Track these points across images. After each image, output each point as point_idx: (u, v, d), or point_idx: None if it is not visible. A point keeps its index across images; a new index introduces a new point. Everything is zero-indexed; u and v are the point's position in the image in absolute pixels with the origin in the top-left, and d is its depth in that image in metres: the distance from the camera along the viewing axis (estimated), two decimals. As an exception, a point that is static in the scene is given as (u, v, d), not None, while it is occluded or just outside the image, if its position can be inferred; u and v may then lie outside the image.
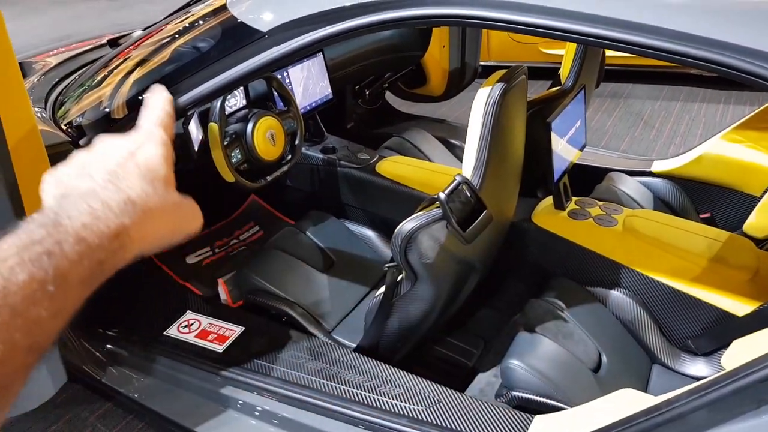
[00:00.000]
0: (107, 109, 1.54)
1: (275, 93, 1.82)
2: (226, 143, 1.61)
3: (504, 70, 1.36)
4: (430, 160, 2.40)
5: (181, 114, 1.44)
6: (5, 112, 1.13)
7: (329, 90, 2.22)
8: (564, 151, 1.67)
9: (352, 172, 2.08)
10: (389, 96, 3.16)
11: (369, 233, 2.06)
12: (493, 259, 1.67)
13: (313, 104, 2.16)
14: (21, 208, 1.18)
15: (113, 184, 0.46)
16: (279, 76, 1.99)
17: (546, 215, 1.73)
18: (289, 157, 1.82)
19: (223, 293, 1.88)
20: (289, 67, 2.04)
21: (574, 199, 1.79)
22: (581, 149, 1.84)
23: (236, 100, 1.78)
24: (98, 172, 0.46)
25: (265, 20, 1.30)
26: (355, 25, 1.19)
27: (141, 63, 1.60)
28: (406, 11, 1.14)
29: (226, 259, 2.15)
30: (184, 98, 1.40)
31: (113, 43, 2.27)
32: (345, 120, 2.84)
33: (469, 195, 1.29)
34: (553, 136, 1.56)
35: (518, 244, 1.75)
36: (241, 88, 1.79)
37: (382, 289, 1.45)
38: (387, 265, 1.41)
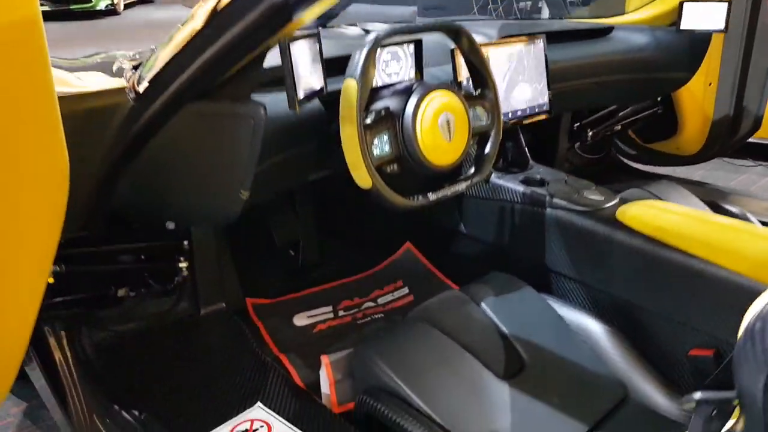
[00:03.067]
0: None
1: (466, 61, 1.09)
2: (368, 121, 0.93)
3: None
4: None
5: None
6: None
7: (546, 98, 1.44)
8: None
9: (572, 218, 1.24)
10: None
11: (592, 325, 1.17)
12: None
13: (521, 112, 1.39)
14: None
15: None
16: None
17: None
18: (473, 170, 1.08)
19: (325, 381, 1.11)
20: (491, 47, 1.32)
21: None
22: None
23: (400, 65, 1.09)
24: None
25: None
26: None
27: None
28: None
29: (351, 329, 1.40)
30: None
31: None
32: (554, 168, 2.04)
33: None
34: None
35: None
36: (411, 48, 1.11)
37: None
38: (698, 395, 0.55)
